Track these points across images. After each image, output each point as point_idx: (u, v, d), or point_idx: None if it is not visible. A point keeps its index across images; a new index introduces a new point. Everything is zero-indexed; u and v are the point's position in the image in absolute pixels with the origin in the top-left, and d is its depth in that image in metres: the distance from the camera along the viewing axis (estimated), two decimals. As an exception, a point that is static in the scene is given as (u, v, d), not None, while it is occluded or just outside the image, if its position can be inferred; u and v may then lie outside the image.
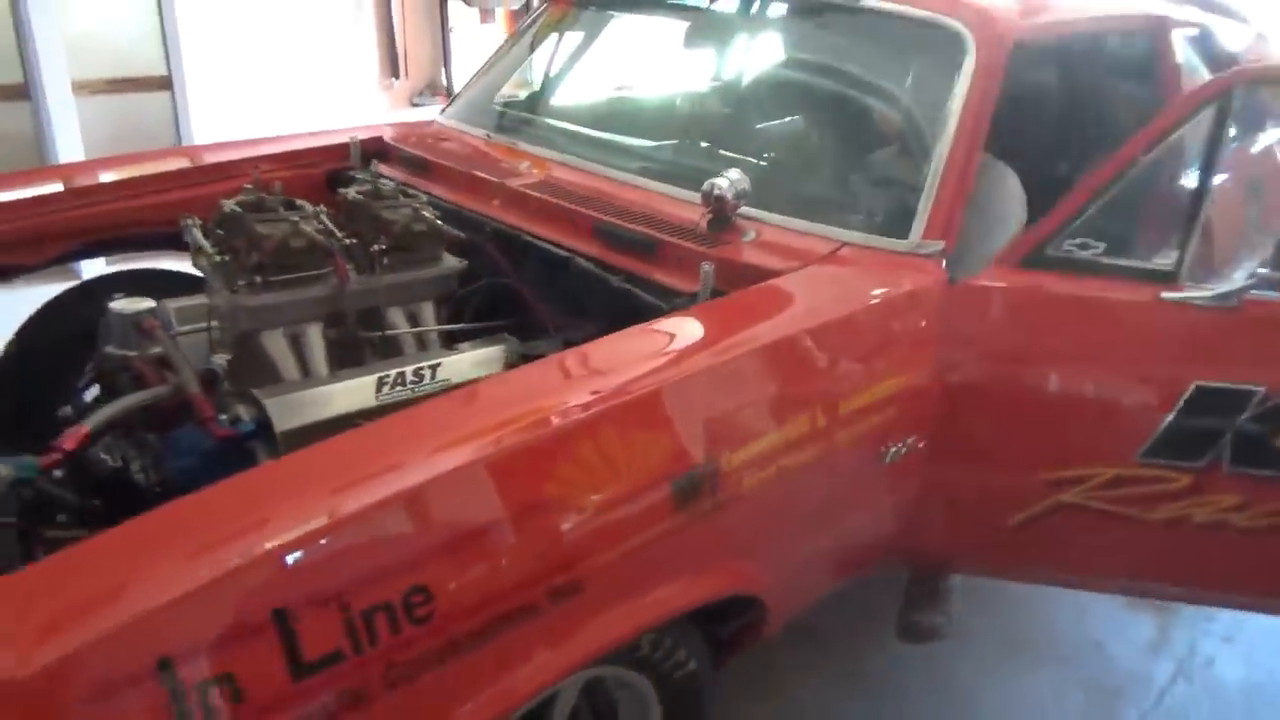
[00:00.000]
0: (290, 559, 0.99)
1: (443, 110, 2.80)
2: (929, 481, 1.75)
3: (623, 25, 2.71)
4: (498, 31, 4.08)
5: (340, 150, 2.50)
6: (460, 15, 4.11)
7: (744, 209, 1.82)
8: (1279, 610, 1.97)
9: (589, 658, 1.25)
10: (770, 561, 1.51)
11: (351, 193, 1.90)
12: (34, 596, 0.94)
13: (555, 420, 1.22)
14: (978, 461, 1.77)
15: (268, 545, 0.99)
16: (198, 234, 1.77)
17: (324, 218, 1.77)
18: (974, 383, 1.70)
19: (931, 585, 2.04)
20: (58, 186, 2.21)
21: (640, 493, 1.26)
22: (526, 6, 4.11)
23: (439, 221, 1.87)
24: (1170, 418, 1.67)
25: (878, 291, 1.66)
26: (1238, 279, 1.66)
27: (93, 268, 2.67)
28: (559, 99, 2.66)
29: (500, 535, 1.14)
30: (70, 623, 0.90)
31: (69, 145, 3.24)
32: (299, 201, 1.80)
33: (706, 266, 1.68)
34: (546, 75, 2.69)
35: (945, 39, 1.91)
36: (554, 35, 2.74)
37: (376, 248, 1.79)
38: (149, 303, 1.80)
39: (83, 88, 3.30)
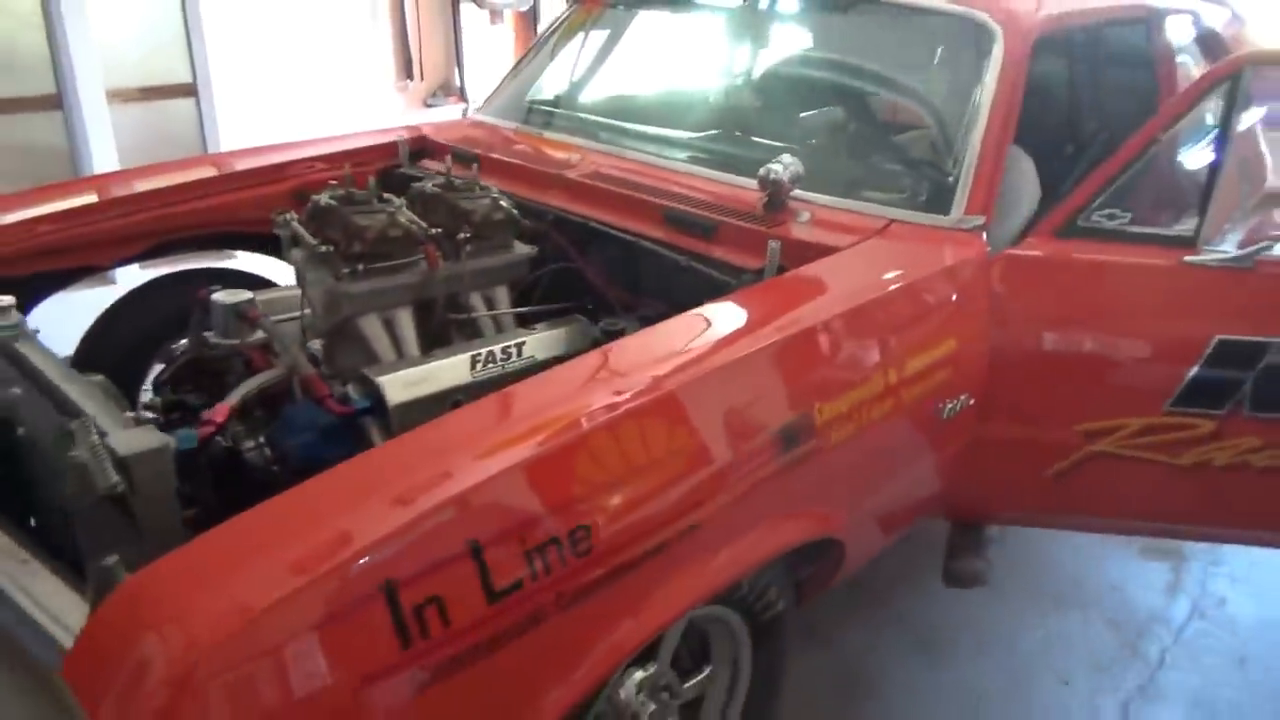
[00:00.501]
0: (478, 500, 1.13)
1: (478, 109, 2.92)
2: (978, 436, 1.91)
3: (653, 20, 2.85)
4: (507, 33, 4.19)
5: (388, 149, 2.62)
6: (471, 17, 4.22)
7: (795, 193, 1.98)
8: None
9: (710, 591, 1.39)
10: (851, 507, 1.66)
11: (429, 185, 2.02)
12: (268, 535, 1.08)
13: (685, 377, 1.37)
14: (1020, 417, 1.93)
15: (459, 488, 1.13)
16: (297, 226, 1.88)
17: (408, 210, 1.89)
18: (1015, 344, 1.86)
19: (972, 535, 2.21)
20: (129, 190, 2.31)
21: (751, 439, 1.41)
22: (534, 8, 4.23)
23: (514, 211, 2.00)
24: (1194, 370, 1.84)
25: (929, 262, 1.82)
26: (1250, 243, 1.84)
27: (126, 276, 2.75)
28: (594, 94, 2.79)
29: (645, 479, 1.28)
30: (312, 553, 1.03)
31: (103, 155, 3.31)
32: (387, 195, 1.92)
33: (773, 244, 1.83)
34: (581, 71, 2.83)
35: (975, 31, 2.08)
36: (582, 33, 2.87)
37: (462, 236, 1.91)
38: (248, 294, 1.91)
39: (114, 97, 3.38)
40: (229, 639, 0.97)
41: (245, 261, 2.64)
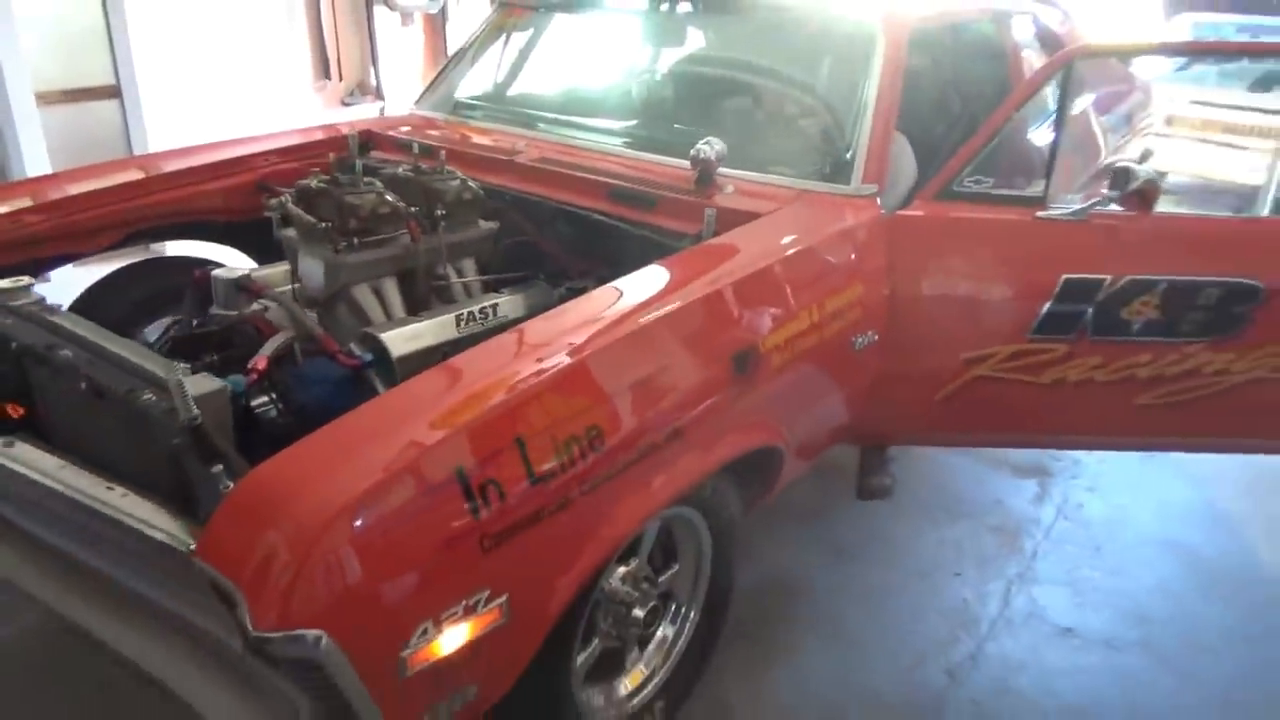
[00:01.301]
0: (521, 403, 1.43)
1: (415, 103, 3.16)
2: (880, 369, 2.29)
3: (571, 22, 3.15)
4: (417, 34, 4.40)
5: (337, 143, 2.84)
6: (383, 19, 4.42)
7: (720, 171, 2.32)
8: (1131, 445, 2.65)
9: (688, 483, 1.72)
10: (789, 422, 2.01)
11: (401, 170, 2.28)
12: (357, 438, 1.35)
13: (660, 312, 1.69)
14: (913, 350, 2.32)
15: (505, 396, 1.42)
16: (292, 207, 2.11)
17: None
18: (908, 289, 2.24)
19: (878, 456, 2.61)
20: (102, 184, 2.46)
21: (713, 363, 1.75)
22: (444, 11, 4.46)
23: (481, 191, 2.27)
24: (1049, 304, 2.27)
25: (835, 222, 2.19)
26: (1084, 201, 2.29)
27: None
28: (524, 88, 3.08)
29: (639, 392, 1.60)
30: (399, 448, 1.31)
31: (34, 157, 3.38)
32: (369, 179, 2.17)
33: (710, 211, 2.16)
34: (509, 69, 3.10)
35: (861, 30, 2.47)
36: (504, 34, 3.15)
37: (439, 213, 2.18)
38: (245, 270, 2.13)
39: (39, 99, 3.45)
40: (342, 511, 1.24)
41: (184, 250, 2.77)
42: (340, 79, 4.18)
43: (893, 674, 2.27)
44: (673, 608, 2.04)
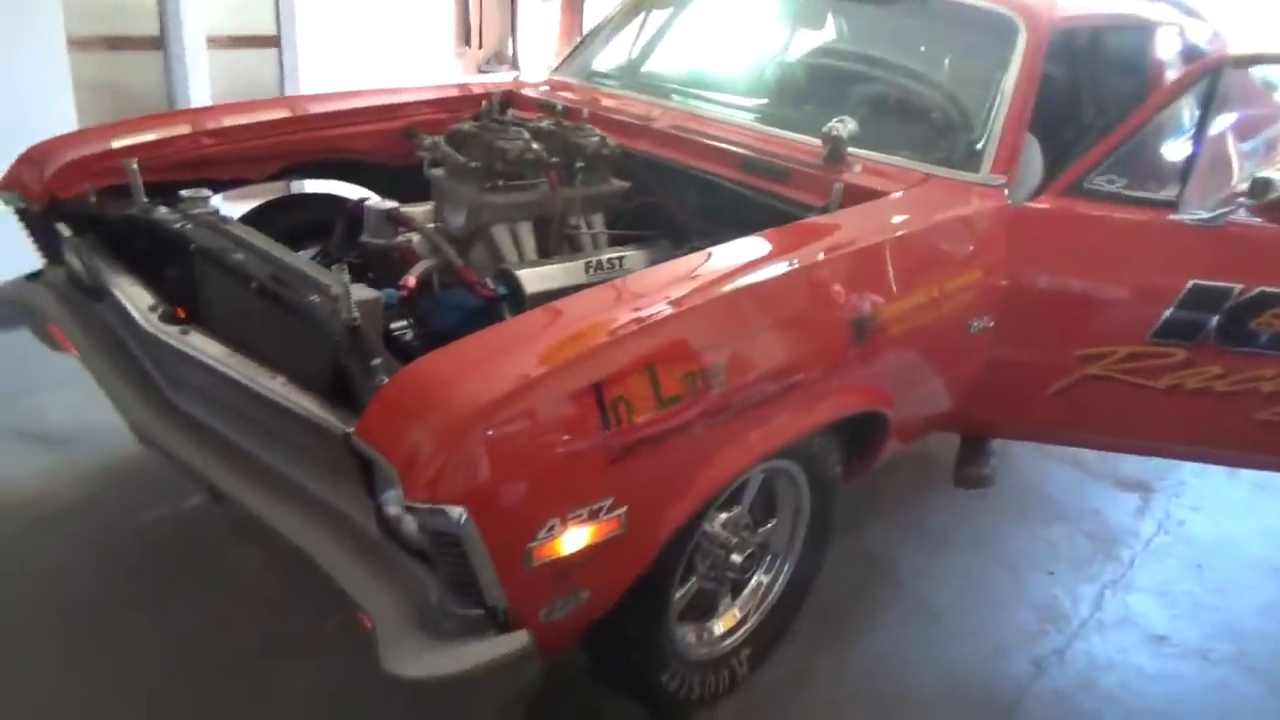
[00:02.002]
0: (655, 332, 1.52)
1: (554, 71, 3.28)
2: (992, 357, 2.31)
3: (708, 2, 3.23)
4: (555, 12, 4.57)
5: (481, 98, 2.98)
6: (525, -6, 4.61)
7: (850, 150, 2.37)
8: (1244, 461, 2.60)
9: (799, 432, 1.79)
10: (898, 394, 2.05)
11: (547, 123, 2.40)
12: (510, 343, 1.46)
13: (791, 268, 1.77)
14: (1028, 341, 2.33)
15: (638, 326, 1.52)
16: (445, 147, 2.25)
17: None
18: (1028, 280, 2.26)
19: (979, 445, 2.62)
20: (267, 116, 2.65)
21: (835, 323, 1.81)
22: (584, -10, 4.61)
23: (618, 149, 2.37)
24: (1172, 308, 2.25)
25: (961, 207, 2.22)
26: (1220, 207, 2.26)
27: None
28: (662, 61, 3.16)
29: (766, 338, 1.68)
30: (544, 356, 1.42)
31: (199, 95, 3.63)
32: (516, 126, 2.29)
33: (838, 185, 2.22)
34: (647, 41, 3.20)
35: (1004, 23, 2.48)
36: (644, 11, 3.24)
37: (578, 164, 2.29)
38: (394, 203, 2.27)
39: (209, 43, 3.71)
40: (493, 404, 1.35)
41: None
42: (479, 47, 4.36)
43: (976, 657, 2.29)
44: (768, 559, 2.11)
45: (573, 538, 1.44)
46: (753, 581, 2.09)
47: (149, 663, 2.04)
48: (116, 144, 2.34)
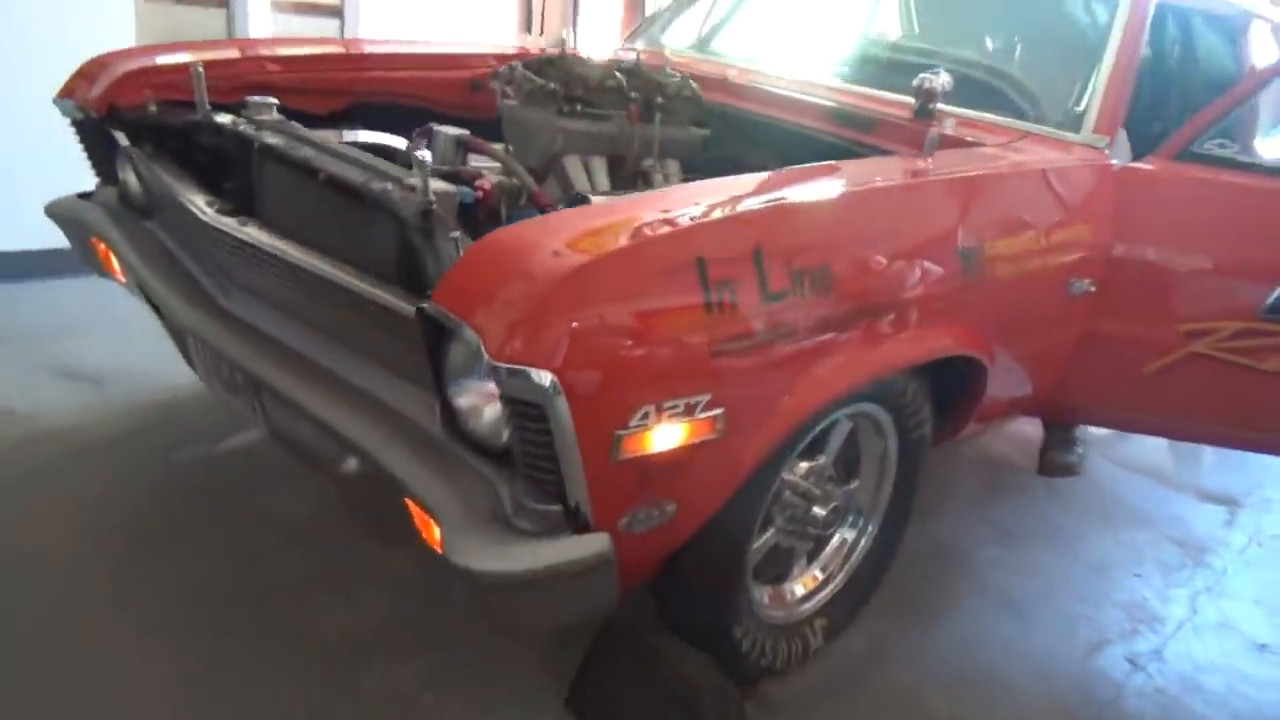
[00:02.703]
0: (763, 219, 1.39)
1: (625, 39, 3.20)
2: (1090, 330, 2.15)
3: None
4: (617, 4, 4.54)
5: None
6: (589, -17, 4.57)
7: (940, 105, 2.24)
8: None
9: (901, 362, 1.64)
10: (997, 339, 1.89)
11: (633, 58, 2.29)
12: (600, 215, 1.33)
13: (904, 182, 1.63)
14: (1129, 312, 2.17)
15: (746, 209, 1.38)
16: (523, 70, 2.14)
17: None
18: (1132, 246, 2.11)
19: (1065, 431, 2.45)
20: (337, 51, 2.58)
21: (944, 248, 1.67)
22: (646, -16, 4.58)
23: (700, 92, 2.26)
24: (1289, 280, 2.10)
25: (1064, 160, 2.08)
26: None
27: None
28: (732, 34, 3.07)
29: (877, 249, 1.54)
30: (638, 226, 1.29)
31: (259, 55, 3.59)
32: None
33: (933, 132, 2.08)
34: (719, 16, 3.11)
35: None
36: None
37: (658, 100, 2.17)
38: (465, 131, 2.17)
39: (274, 5, 3.67)
40: (587, 266, 1.21)
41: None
42: (542, 33, 4.32)
43: (1067, 653, 2.10)
44: (851, 517, 1.94)
45: (665, 434, 1.29)
46: (835, 539, 1.92)
47: (181, 590, 1.89)
48: (180, 58, 2.25)
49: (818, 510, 1.76)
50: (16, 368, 2.68)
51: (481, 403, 1.35)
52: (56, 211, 2.33)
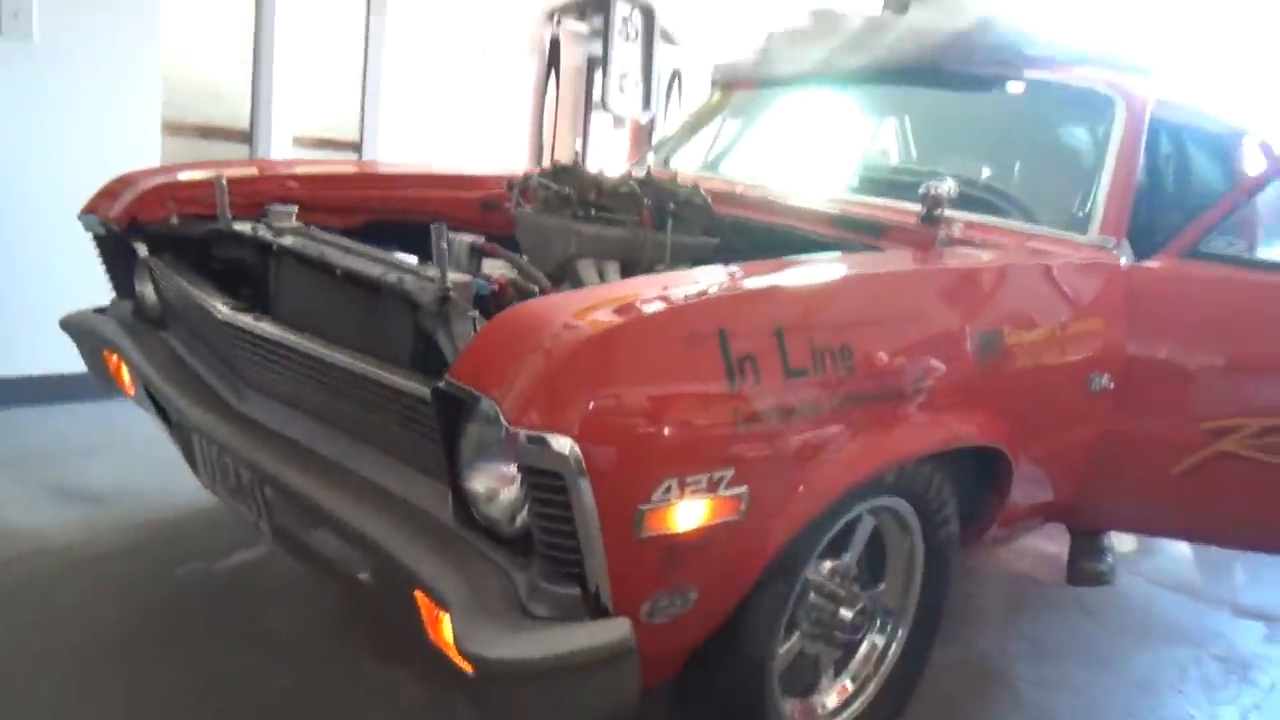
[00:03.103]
0: (785, 297, 1.38)
1: (630, 166, 3.30)
2: (1111, 429, 2.11)
3: (788, 98, 3.26)
4: (625, 138, 4.71)
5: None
6: (597, 121, 4.75)
7: (946, 212, 2.28)
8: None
9: (922, 449, 1.60)
10: (1018, 434, 1.84)
11: (645, 172, 2.35)
12: (612, 293, 1.32)
13: (925, 269, 1.66)
14: (1150, 411, 2.13)
15: (766, 288, 1.37)
16: (539, 178, 2.19)
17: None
18: (1148, 344, 2.09)
19: (1093, 539, 2.37)
20: (358, 171, 2.66)
21: (961, 334, 1.65)
22: (652, 122, 4.77)
23: (709, 201, 2.31)
24: (1311, 377, 2.08)
25: (1075, 258, 2.10)
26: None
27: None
28: (740, 155, 3.17)
29: (893, 333, 1.52)
30: (660, 298, 1.28)
31: (279, 186, 3.71)
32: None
33: (943, 234, 2.11)
34: (727, 138, 3.22)
35: (1102, 100, 2.44)
36: (721, 113, 3.29)
37: (671, 206, 2.21)
38: (479, 237, 2.20)
39: (295, 141, 3.81)
40: (608, 333, 1.20)
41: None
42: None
43: (1116, 770, 1.96)
44: (879, 620, 1.84)
45: (688, 511, 1.24)
46: (865, 645, 1.82)
47: (171, 701, 1.79)
48: (202, 175, 2.32)
49: (845, 613, 1.67)
50: (17, 489, 2.63)
51: (497, 486, 1.31)
52: (71, 324, 2.35)
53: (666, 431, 1.20)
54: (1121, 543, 3.05)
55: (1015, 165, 2.60)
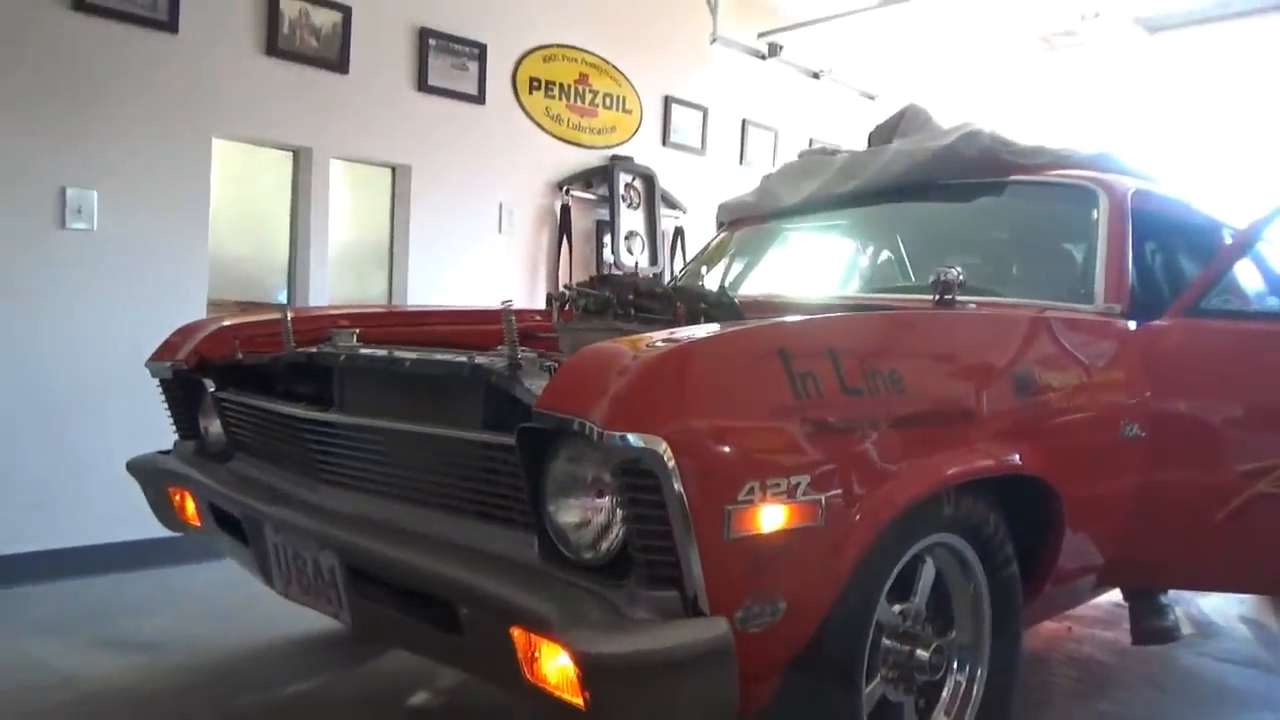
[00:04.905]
0: (839, 328, 1.51)
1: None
2: (1150, 480, 2.17)
3: (791, 230, 3.50)
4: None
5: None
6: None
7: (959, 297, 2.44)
8: None
9: (966, 473, 1.66)
10: (1061, 471, 1.90)
11: (676, 284, 2.53)
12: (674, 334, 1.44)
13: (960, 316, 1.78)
14: (1184, 459, 2.20)
15: (819, 320, 1.50)
16: (579, 287, 2.36)
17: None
18: (1170, 395, 2.19)
19: (1151, 598, 2.37)
20: (405, 310, 2.83)
21: (998, 372, 1.77)
22: (659, 276, 5.04)
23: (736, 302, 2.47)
24: (1332, 413, 2.17)
25: (1088, 318, 2.24)
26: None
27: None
28: (751, 285, 3.37)
29: (938, 366, 1.65)
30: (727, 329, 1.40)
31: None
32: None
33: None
34: (736, 273, 3.43)
35: (1086, 194, 2.65)
36: (729, 252, 3.52)
37: (703, 306, 2.37)
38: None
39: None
40: (679, 351, 1.31)
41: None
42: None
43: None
44: (956, 662, 1.84)
45: (771, 514, 1.31)
46: (948, 687, 1.81)
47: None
48: (264, 317, 2.49)
49: (921, 653, 1.69)
50: (72, 645, 2.63)
51: (585, 516, 1.38)
52: (137, 465, 2.44)
53: (745, 434, 1.30)
54: (1185, 627, 3.02)
55: (1013, 256, 2.79)
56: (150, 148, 3.46)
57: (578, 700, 1.27)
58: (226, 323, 2.45)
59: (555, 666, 1.30)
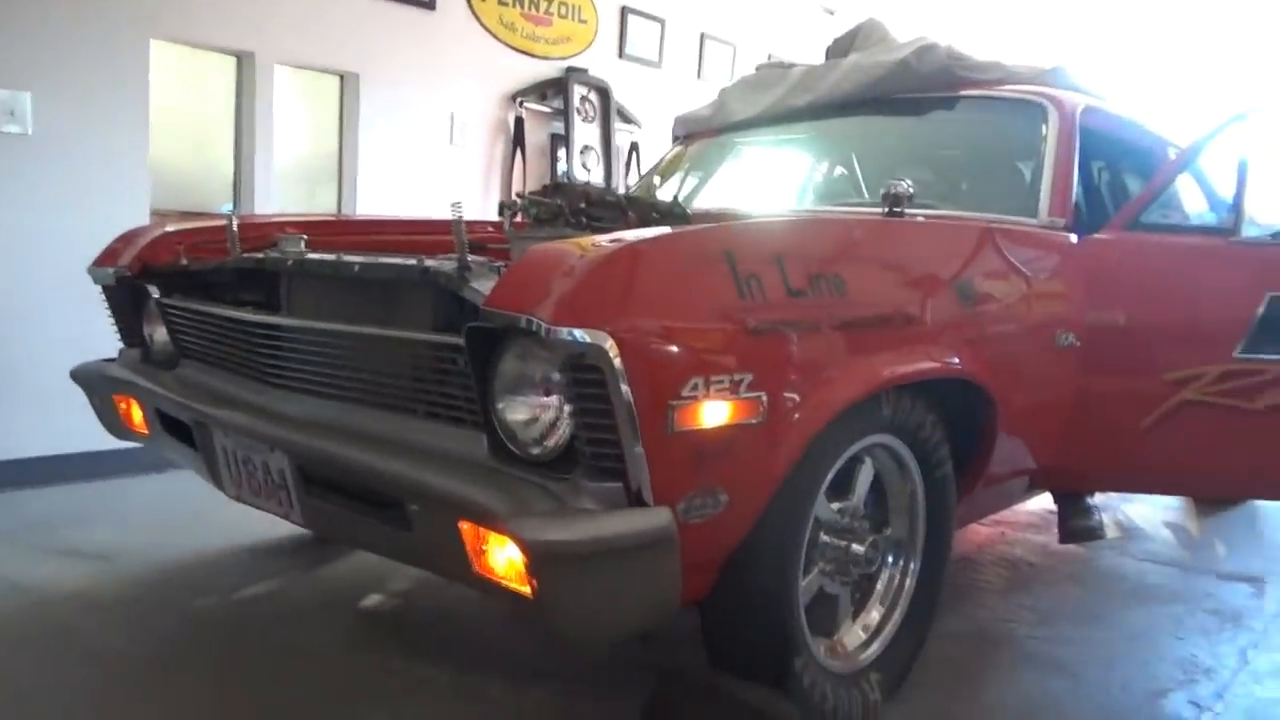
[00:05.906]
0: (784, 231, 1.52)
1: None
2: (1081, 388, 2.25)
3: (746, 145, 3.49)
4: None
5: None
6: (564, 195, 5.00)
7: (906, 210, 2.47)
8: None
9: (910, 374, 1.72)
10: (998, 378, 1.97)
11: (634, 188, 2.52)
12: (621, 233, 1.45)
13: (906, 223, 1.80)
14: (1115, 368, 2.29)
15: (765, 225, 1.52)
16: (534, 196, 2.34)
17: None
18: (1105, 307, 2.27)
19: (1078, 500, 2.48)
20: (354, 219, 2.79)
21: (943, 278, 1.82)
22: (616, 189, 5.03)
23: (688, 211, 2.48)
24: (1255, 321, 2.25)
25: (1031, 229, 2.28)
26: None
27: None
28: (707, 199, 3.37)
29: (880, 270, 1.69)
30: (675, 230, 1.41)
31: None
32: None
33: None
34: (691, 188, 3.42)
35: (1036, 108, 2.67)
36: (684, 166, 3.50)
37: (654, 215, 2.38)
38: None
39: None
40: (626, 249, 1.33)
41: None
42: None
43: (1131, 703, 2.03)
44: (889, 556, 1.93)
45: (714, 410, 1.35)
46: (882, 580, 1.91)
47: (203, 711, 1.80)
48: (208, 224, 2.45)
49: (857, 547, 1.77)
50: (16, 554, 2.61)
51: (532, 413, 1.41)
52: (81, 373, 2.41)
53: (689, 332, 1.33)
54: (1110, 530, 3.16)
55: (963, 171, 2.82)
56: (87, 47, 3.32)
57: (525, 589, 1.32)
58: (170, 229, 2.40)
59: (503, 557, 1.34)
